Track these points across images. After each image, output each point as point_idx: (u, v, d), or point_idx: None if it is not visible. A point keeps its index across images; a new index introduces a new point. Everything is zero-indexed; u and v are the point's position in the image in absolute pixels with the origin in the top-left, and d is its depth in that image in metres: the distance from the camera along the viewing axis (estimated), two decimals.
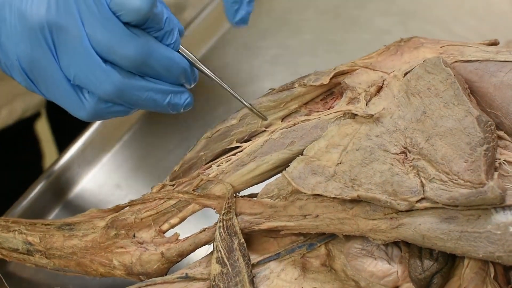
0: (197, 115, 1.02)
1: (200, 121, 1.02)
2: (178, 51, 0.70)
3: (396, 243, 0.73)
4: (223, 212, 0.73)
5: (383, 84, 0.73)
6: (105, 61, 0.66)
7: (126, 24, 0.66)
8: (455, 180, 0.66)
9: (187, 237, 0.74)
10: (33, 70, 0.66)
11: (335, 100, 0.75)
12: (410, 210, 0.68)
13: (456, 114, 0.68)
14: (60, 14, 0.64)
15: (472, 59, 0.72)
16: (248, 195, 0.76)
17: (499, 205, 0.66)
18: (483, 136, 0.66)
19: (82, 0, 0.64)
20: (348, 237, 0.73)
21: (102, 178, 0.98)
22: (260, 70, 1.08)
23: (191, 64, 0.72)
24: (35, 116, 1.18)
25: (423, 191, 0.67)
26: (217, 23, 1.12)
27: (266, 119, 0.75)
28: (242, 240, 0.72)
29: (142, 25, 0.66)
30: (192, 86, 0.73)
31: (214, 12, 1.11)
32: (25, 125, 1.16)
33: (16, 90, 1.04)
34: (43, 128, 1.39)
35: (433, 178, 0.67)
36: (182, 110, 0.72)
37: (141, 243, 0.74)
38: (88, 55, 0.65)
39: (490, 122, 0.67)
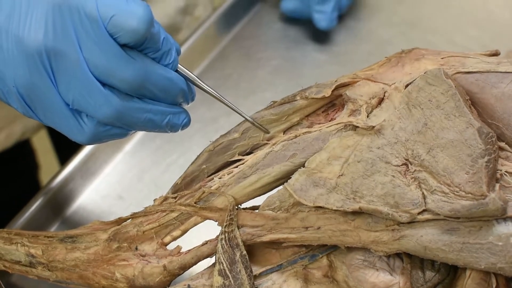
0: (198, 125, 1.02)
1: (202, 132, 1.02)
2: (176, 70, 0.70)
3: (398, 254, 0.73)
4: (225, 224, 0.73)
5: (384, 95, 0.73)
6: (104, 84, 0.66)
7: (124, 46, 0.65)
8: (457, 192, 0.66)
9: (189, 250, 0.74)
10: (31, 96, 0.66)
11: (336, 112, 0.75)
12: (411, 222, 0.68)
13: (457, 126, 0.68)
14: (57, 39, 0.64)
15: (473, 70, 0.72)
16: (250, 207, 0.76)
17: (501, 216, 0.66)
18: (484, 148, 0.66)
19: (80, 24, 0.64)
20: (350, 248, 0.73)
21: (104, 189, 0.98)
22: (261, 81, 1.08)
23: (190, 82, 0.72)
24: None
25: (425, 203, 0.67)
26: (219, 34, 1.12)
27: (268, 132, 0.75)
28: (244, 252, 0.72)
29: (140, 46, 0.66)
30: (189, 104, 0.73)
31: (216, 23, 1.11)
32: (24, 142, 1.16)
33: (15, 112, 1.04)
34: (43, 140, 1.40)
35: (435, 190, 0.67)
36: (180, 130, 0.72)
37: (143, 256, 0.74)
38: (87, 79, 0.65)
39: (491, 134, 0.67)
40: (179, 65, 0.71)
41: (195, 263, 0.74)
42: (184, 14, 1.16)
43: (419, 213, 0.67)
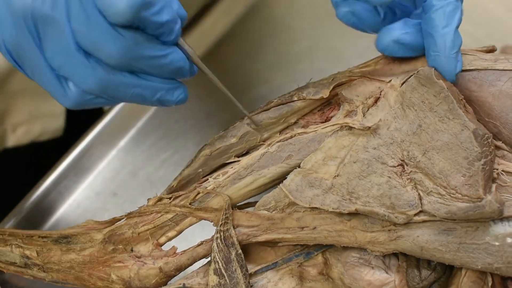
0: (193, 122, 1.02)
1: (196, 128, 1.01)
2: (177, 43, 0.67)
3: (394, 253, 0.73)
4: (220, 223, 0.72)
5: (380, 94, 0.72)
6: (91, 55, 0.63)
7: None
8: (453, 194, 0.66)
9: (184, 251, 0.74)
10: (18, 54, 0.64)
11: (332, 111, 0.75)
12: (408, 223, 0.68)
13: (452, 128, 0.67)
14: (45, 5, 0.61)
15: (471, 68, 0.71)
16: (244, 203, 0.76)
17: (498, 218, 0.66)
18: (481, 151, 0.66)
19: None
20: (346, 246, 0.73)
21: (98, 186, 0.98)
22: (257, 77, 1.08)
23: (189, 58, 0.68)
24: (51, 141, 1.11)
25: (421, 204, 0.67)
26: (213, 30, 1.11)
27: (258, 127, 0.74)
28: (240, 251, 0.72)
29: (131, 25, 0.63)
30: (190, 78, 0.69)
31: (210, 19, 1.11)
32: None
33: (37, 111, 1.02)
34: None
35: (431, 191, 0.67)
36: (174, 105, 0.69)
37: (139, 257, 0.74)
38: (71, 50, 0.63)
39: (487, 135, 0.66)
40: (180, 39, 0.67)
41: (191, 264, 0.74)
42: None
43: (415, 214, 0.67)
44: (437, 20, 0.69)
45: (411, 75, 0.70)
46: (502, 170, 0.68)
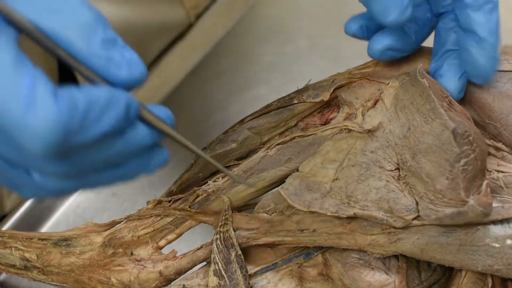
0: (193, 123, 1.02)
1: (196, 129, 1.01)
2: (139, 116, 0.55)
3: None
4: (220, 224, 0.72)
5: (380, 96, 0.72)
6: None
7: None
8: (440, 198, 0.64)
9: (184, 254, 0.74)
10: None
11: (331, 113, 0.75)
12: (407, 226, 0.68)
13: (435, 130, 0.65)
14: None
15: None
16: (244, 205, 0.76)
17: (496, 219, 0.65)
18: (459, 151, 0.63)
19: None
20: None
21: None
22: (255, 77, 1.08)
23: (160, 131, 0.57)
24: None
25: (418, 209, 0.66)
26: (212, 31, 1.11)
27: (253, 185, 0.72)
28: (239, 252, 0.72)
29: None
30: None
31: (209, 20, 1.11)
32: None
33: None
34: None
35: (422, 196, 0.66)
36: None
37: (139, 261, 0.74)
38: (6, 169, 0.53)
39: (467, 133, 0.64)
40: (142, 110, 0.55)
41: (191, 268, 0.74)
42: None
43: (413, 219, 0.66)
44: (478, 17, 0.65)
45: (406, 78, 0.70)
46: (502, 172, 0.68)
